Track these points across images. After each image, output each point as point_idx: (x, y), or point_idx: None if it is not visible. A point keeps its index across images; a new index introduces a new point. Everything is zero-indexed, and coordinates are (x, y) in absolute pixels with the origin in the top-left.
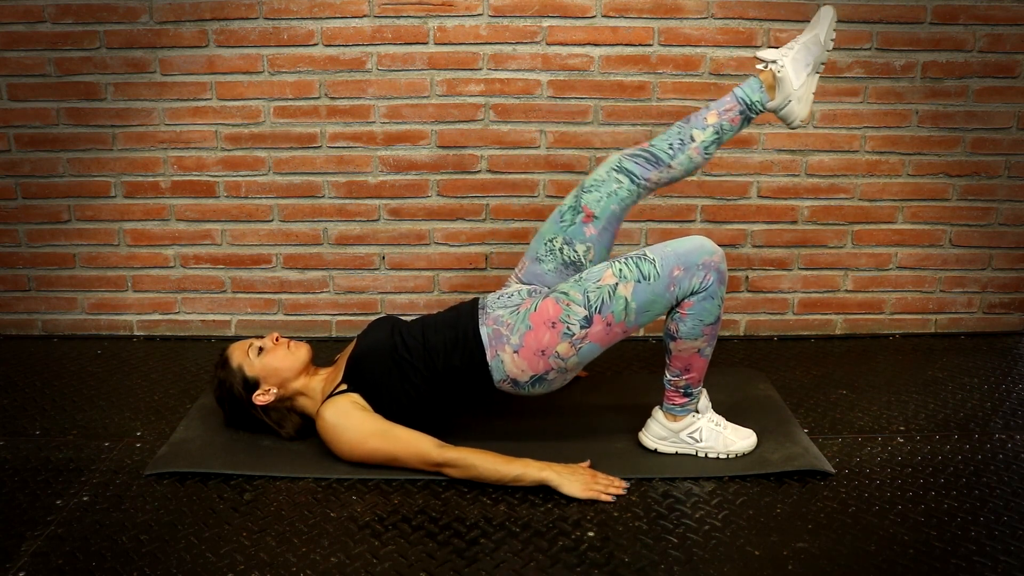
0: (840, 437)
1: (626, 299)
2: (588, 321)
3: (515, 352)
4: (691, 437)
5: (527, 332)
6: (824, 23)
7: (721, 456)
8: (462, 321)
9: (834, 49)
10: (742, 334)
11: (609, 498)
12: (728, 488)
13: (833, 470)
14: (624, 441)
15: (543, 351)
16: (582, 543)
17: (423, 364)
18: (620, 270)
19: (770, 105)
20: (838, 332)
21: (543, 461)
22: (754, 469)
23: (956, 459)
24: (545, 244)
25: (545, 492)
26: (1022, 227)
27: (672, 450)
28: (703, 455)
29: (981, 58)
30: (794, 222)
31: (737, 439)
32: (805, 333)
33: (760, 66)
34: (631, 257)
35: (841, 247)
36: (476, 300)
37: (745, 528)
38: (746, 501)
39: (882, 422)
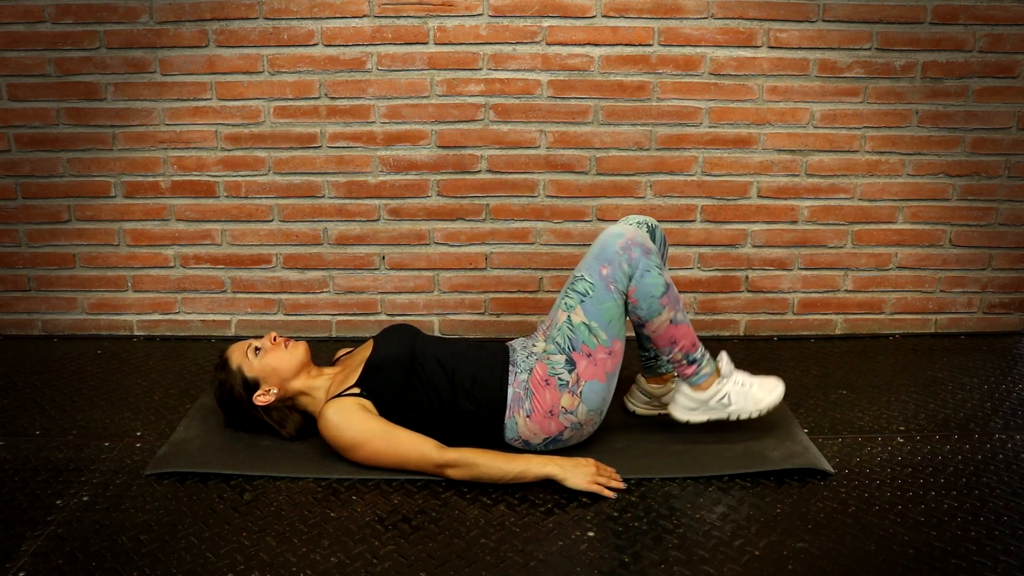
0: (840, 437)
1: (584, 323)
2: (571, 363)
3: (527, 417)
4: (720, 403)
5: (533, 398)
6: (772, 398)
7: (753, 415)
8: (495, 372)
9: (834, 49)
10: (742, 334)
11: (611, 494)
12: (728, 488)
13: (833, 470)
14: (624, 440)
15: (551, 411)
16: (582, 543)
17: (438, 398)
18: (565, 303)
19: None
20: (838, 332)
21: (545, 455)
22: (754, 467)
23: (956, 459)
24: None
25: (545, 492)
26: (1022, 227)
27: (704, 419)
28: (735, 418)
29: (981, 58)
30: (794, 222)
31: (764, 395)
32: (805, 333)
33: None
34: (567, 286)
35: (841, 247)
36: (506, 350)
37: (745, 528)
38: (746, 501)
39: (882, 422)
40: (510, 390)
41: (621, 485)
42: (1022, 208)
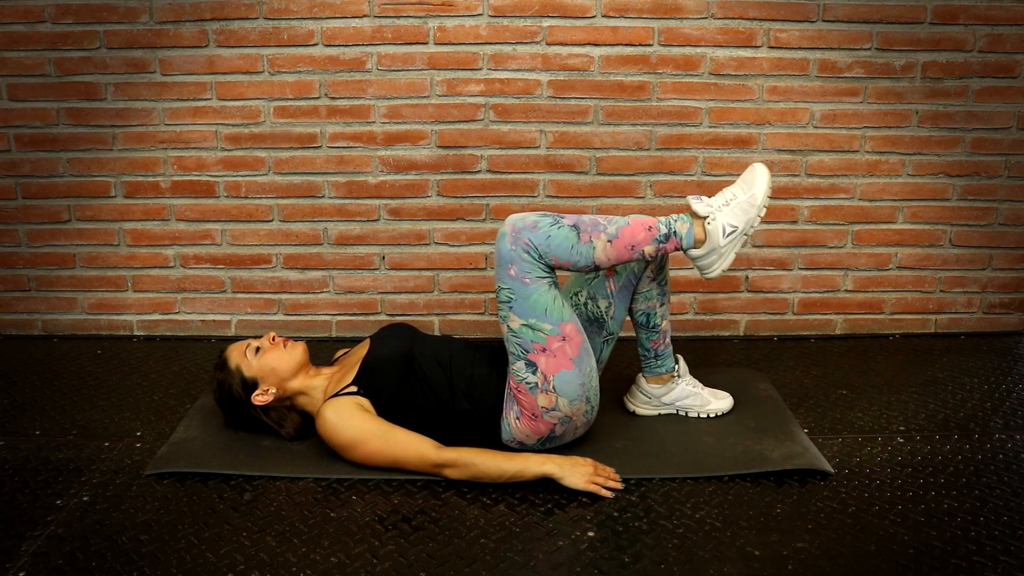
0: (840, 437)
1: (523, 323)
2: (531, 365)
3: (517, 419)
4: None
5: (517, 403)
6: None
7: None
8: (486, 370)
9: (834, 49)
10: (742, 334)
11: (609, 493)
12: (728, 488)
13: (833, 470)
14: (624, 440)
15: (534, 414)
16: (582, 543)
17: (436, 397)
18: (500, 315)
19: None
20: (838, 332)
21: (543, 454)
22: (754, 468)
23: (956, 459)
24: (571, 297)
25: (545, 492)
26: (1022, 227)
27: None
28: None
29: (981, 58)
30: (794, 222)
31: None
32: (805, 333)
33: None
34: (497, 302)
35: (841, 247)
36: (504, 351)
37: (745, 528)
38: (746, 501)
39: (882, 422)
40: (507, 390)
41: (619, 485)
42: (1022, 208)
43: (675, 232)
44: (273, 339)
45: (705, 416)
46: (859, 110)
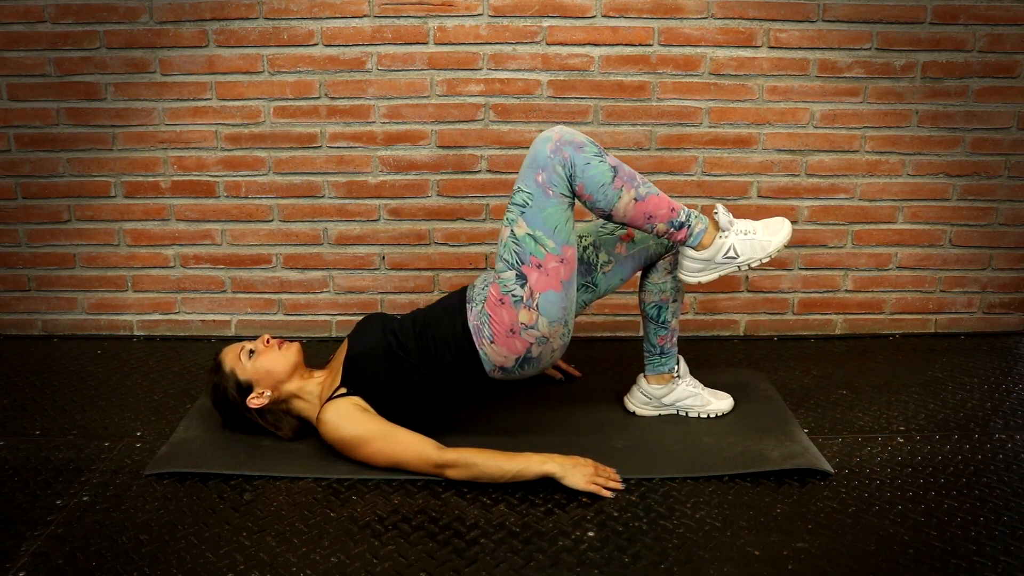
0: (840, 437)
1: (529, 234)
2: (522, 277)
3: (491, 343)
4: (726, 258)
5: (490, 321)
6: (781, 238)
7: (765, 261)
8: (451, 317)
9: (834, 49)
10: (742, 334)
11: (609, 494)
12: (728, 488)
13: (833, 470)
14: (624, 440)
15: (511, 330)
16: (582, 543)
17: (420, 362)
18: (507, 218)
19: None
20: (838, 332)
21: (544, 454)
22: (754, 467)
23: (956, 459)
24: (579, 238)
25: (545, 492)
26: (1022, 227)
27: (714, 276)
28: (747, 268)
29: (981, 58)
30: (794, 222)
31: (771, 236)
32: (805, 333)
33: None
34: (509, 200)
35: (841, 247)
36: (464, 291)
37: (745, 528)
38: (746, 501)
39: (882, 422)
40: (471, 324)
41: (620, 486)
42: (1022, 208)
43: (690, 226)
44: (267, 341)
45: (705, 416)
46: (859, 110)
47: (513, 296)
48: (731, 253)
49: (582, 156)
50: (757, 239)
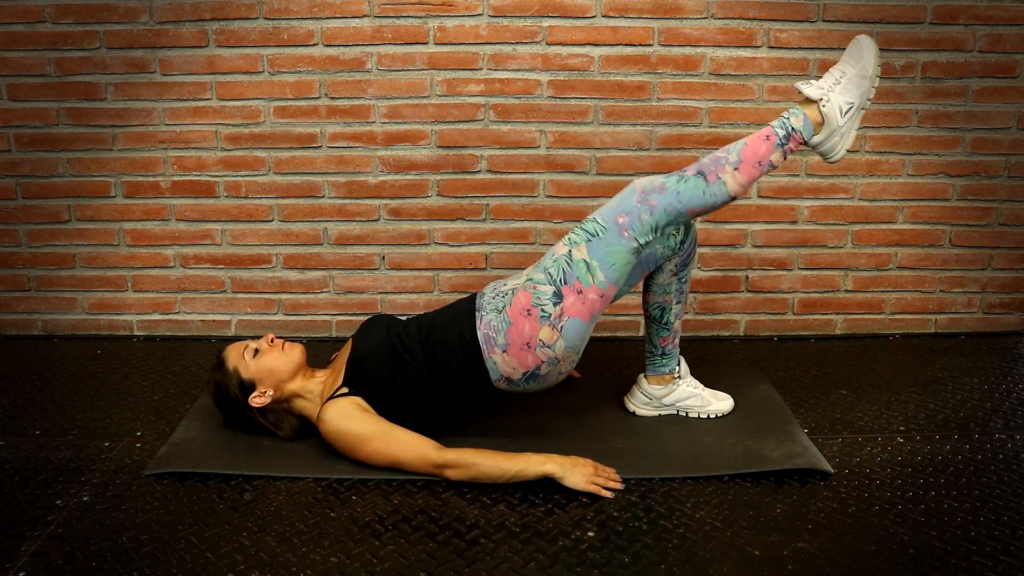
0: (840, 437)
1: (585, 260)
2: (558, 296)
3: (504, 352)
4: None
5: (509, 328)
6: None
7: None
8: (459, 324)
9: (834, 49)
10: (742, 334)
11: (609, 494)
12: (728, 488)
13: (833, 470)
14: (624, 441)
15: (527, 343)
16: (582, 543)
17: (424, 366)
18: (569, 238)
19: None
20: (838, 332)
21: (544, 454)
22: (754, 467)
23: (956, 459)
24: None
25: (545, 492)
26: (1022, 227)
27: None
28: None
29: (981, 58)
30: (794, 222)
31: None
32: (805, 333)
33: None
34: (577, 225)
35: (841, 247)
36: (474, 298)
37: (745, 528)
38: (746, 501)
39: (882, 422)
40: (479, 333)
41: (619, 486)
42: (1022, 208)
43: (793, 129)
44: (271, 341)
45: (705, 417)
46: None
47: (542, 311)
48: (845, 107)
49: (669, 193)
50: (852, 75)
